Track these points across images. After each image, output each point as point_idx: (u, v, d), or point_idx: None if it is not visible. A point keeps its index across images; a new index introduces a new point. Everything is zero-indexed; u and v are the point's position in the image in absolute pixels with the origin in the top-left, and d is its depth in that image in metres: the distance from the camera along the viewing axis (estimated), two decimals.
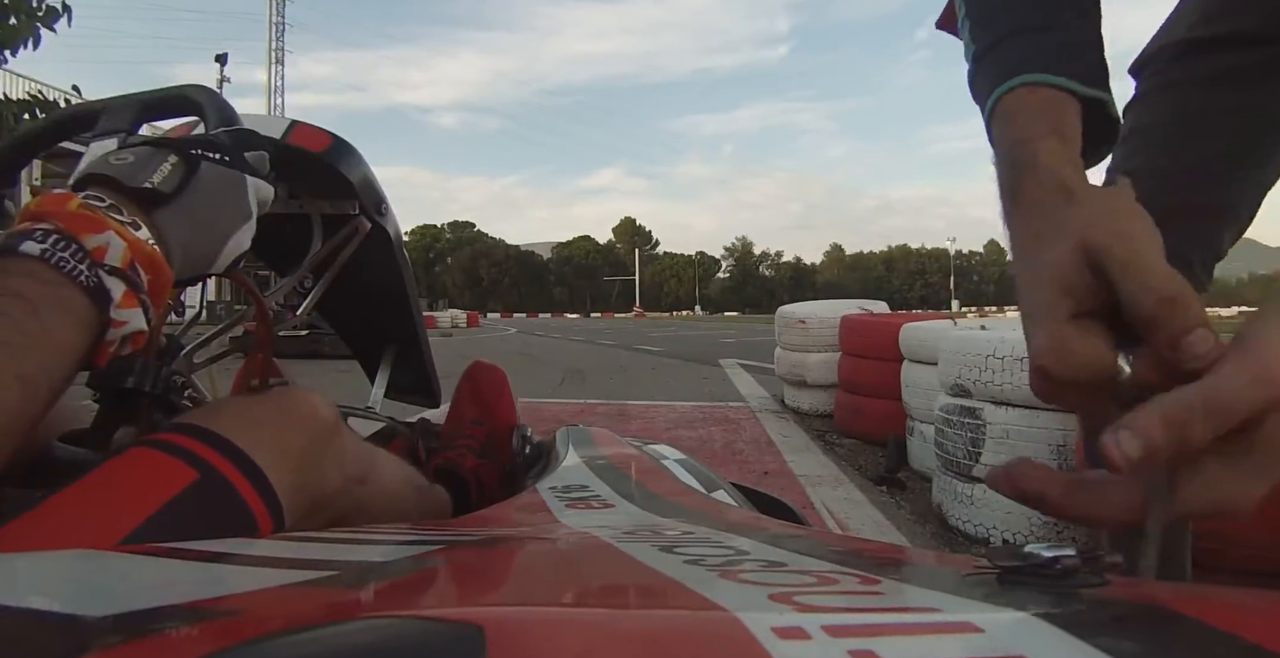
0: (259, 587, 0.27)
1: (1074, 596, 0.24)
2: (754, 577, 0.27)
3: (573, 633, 0.19)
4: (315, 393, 0.49)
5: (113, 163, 0.44)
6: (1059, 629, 0.19)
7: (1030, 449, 1.88)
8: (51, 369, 0.37)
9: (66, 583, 0.29)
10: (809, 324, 4.11)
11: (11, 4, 3.45)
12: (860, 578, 0.27)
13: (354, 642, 0.18)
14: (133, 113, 0.59)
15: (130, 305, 0.40)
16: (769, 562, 0.30)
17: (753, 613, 0.19)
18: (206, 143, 0.48)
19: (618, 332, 20.86)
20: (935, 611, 0.22)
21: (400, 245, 0.83)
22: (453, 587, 0.32)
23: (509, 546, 0.41)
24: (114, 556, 0.32)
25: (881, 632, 0.19)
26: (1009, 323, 3.25)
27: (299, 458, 0.44)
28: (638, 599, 0.27)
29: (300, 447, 0.44)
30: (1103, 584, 0.25)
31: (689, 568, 0.28)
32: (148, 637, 0.20)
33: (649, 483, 0.65)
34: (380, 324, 1.00)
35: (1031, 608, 0.21)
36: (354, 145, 0.73)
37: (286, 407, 0.46)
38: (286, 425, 0.45)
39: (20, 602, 0.23)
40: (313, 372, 4.63)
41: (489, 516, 0.55)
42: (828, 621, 0.19)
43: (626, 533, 0.40)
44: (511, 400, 0.90)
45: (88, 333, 0.38)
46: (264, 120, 0.65)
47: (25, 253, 0.36)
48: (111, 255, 0.39)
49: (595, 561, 0.35)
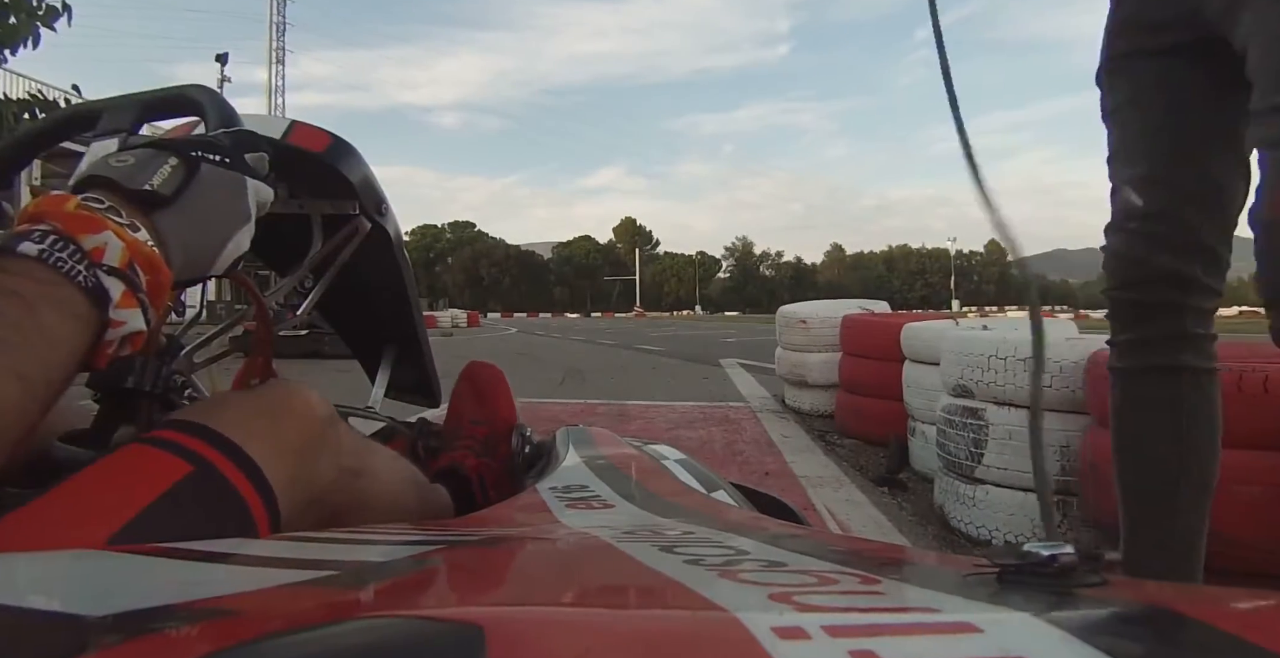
0: (258, 587, 0.27)
1: (1073, 595, 0.24)
2: (754, 577, 0.27)
3: (573, 633, 0.19)
4: (309, 388, 0.50)
5: (113, 165, 0.44)
6: (1058, 629, 0.19)
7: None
8: (50, 369, 0.37)
9: (66, 583, 0.29)
10: (810, 324, 4.10)
11: (11, 3, 3.45)
12: (860, 578, 0.27)
13: (354, 642, 0.18)
14: (134, 113, 0.59)
15: (129, 305, 0.40)
16: (769, 562, 0.30)
17: (753, 613, 0.19)
18: (206, 144, 0.48)
19: (618, 331, 20.73)
20: (935, 611, 0.22)
21: (400, 245, 0.83)
22: (453, 587, 0.32)
23: (509, 546, 0.41)
24: (114, 555, 0.32)
25: (881, 632, 0.19)
26: (1011, 323, 3.25)
27: (293, 451, 0.44)
28: (638, 599, 0.27)
29: (294, 440, 0.45)
30: (1102, 584, 0.25)
31: (689, 568, 0.28)
32: (147, 637, 0.20)
33: (649, 483, 0.65)
34: (380, 324, 1.00)
35: (1031, 608, 0.21)
36: (354, 145, 0.73)
37: (280, 401, 0.47)
38: (280, 419, 0.45)
39: (20, 602, 0.23)
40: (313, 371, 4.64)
41: (489, 516, 0.55)
42: (828, 621, 0.19)
43: (626, 533, 0.40)
44: (511, 400, 0.90)
45: (86, 333, 0.38)
46: (264, 120, 0.65)
47: (23, 253, 0.36)
48: (109, 256, 0.39)
49: (595, 561, 0.35)
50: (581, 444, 0.80)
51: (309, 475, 0.45)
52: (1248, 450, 1.28)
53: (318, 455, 0.46)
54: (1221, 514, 1.06)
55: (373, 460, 0.54)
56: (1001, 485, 1.93)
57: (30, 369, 0.35)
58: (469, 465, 0.78)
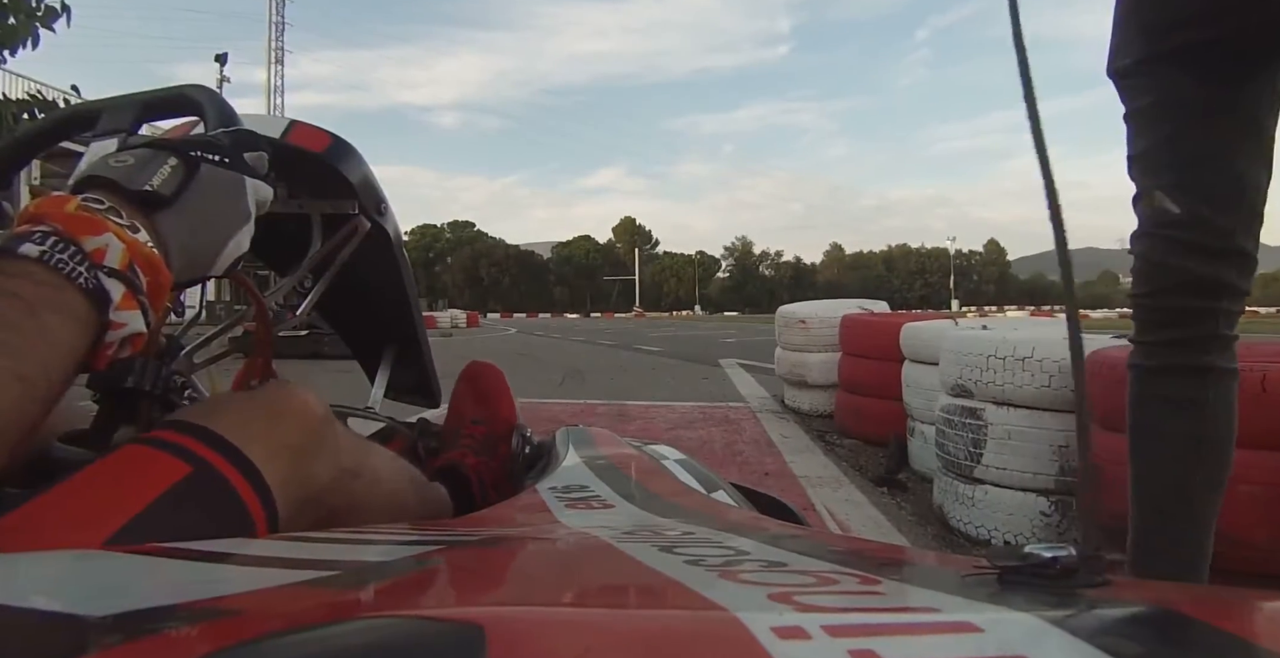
0: (259, 587, 0.27)
1: (1074, 596, 0.24)
2: (754, 577, 0.27)
3: (573, 633, 0.19)
4: (306, 388, 0.50)
5: (112, 165, 0.44)
6: (1059, 629, 0.19)
7: (1032, 450, 1.88)
8: (50, 370, 0.37)
9: (66, 583, 0.29)
10: (810, 324, 4.10)
11: (11, 4, 3.44)
12: (860, 578, 0.27)
13: (354, 642, 0.18)
14: (133, 113, 0.59)
15: (129, 307, 0.40)
16: (769, 562, 0.30)
17: (753, 613, 0.19)
18: (206, 144, 0.48)
19: (618, 332, 20.72)
20: (935, 611, 0.22)
21: (400, 245, 0.83)
22: (453, 587, 0.32)
23: (509, 546, 0.41)
24: (113, 555, 0.32)
25: (881, 632, 0.19)
26: (1010, 323, 3.25)
27: (291, 452, 0.45)
28: (638, 599, 0.27)
29: (291, 441, 0.45)
30: (1102, 584, 0.25)
31: (689, 568, 0.28)
32: (147, 637, 0.20)
33: (649, 483, 0.65)
34: (380, 324, 1.00)
35: (1031, 608, 0.21)
36: (353, 145, 0.73)
37: (277, 402, 0.47)
38: (277, 420, 0.45)
39: (20, 602, 0.23)
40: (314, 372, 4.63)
41: (489, 516, 0.55)
42: (828, 621, 0.19)
43: (626, 533, 0.40)
44: (511, 400, 0.90)
45: (86, 334, 0.38)
46: (263, 120, 0.65)
47: (24, 255, 0.36)
48: (110, 257, 0.39)
49: (595, 561, 0.35)
50: (581, 444, 0.80)
51: (306, 476, 0.45)
52: (1248, 450, 1.28)
53: (315, 456, 0.46)
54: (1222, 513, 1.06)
55: (371, 461, 0.54)
56: (1000, 486, 1.93)
57: (31, 371, 0.35)
58: (468, 464, 0.78)
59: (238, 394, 0.50)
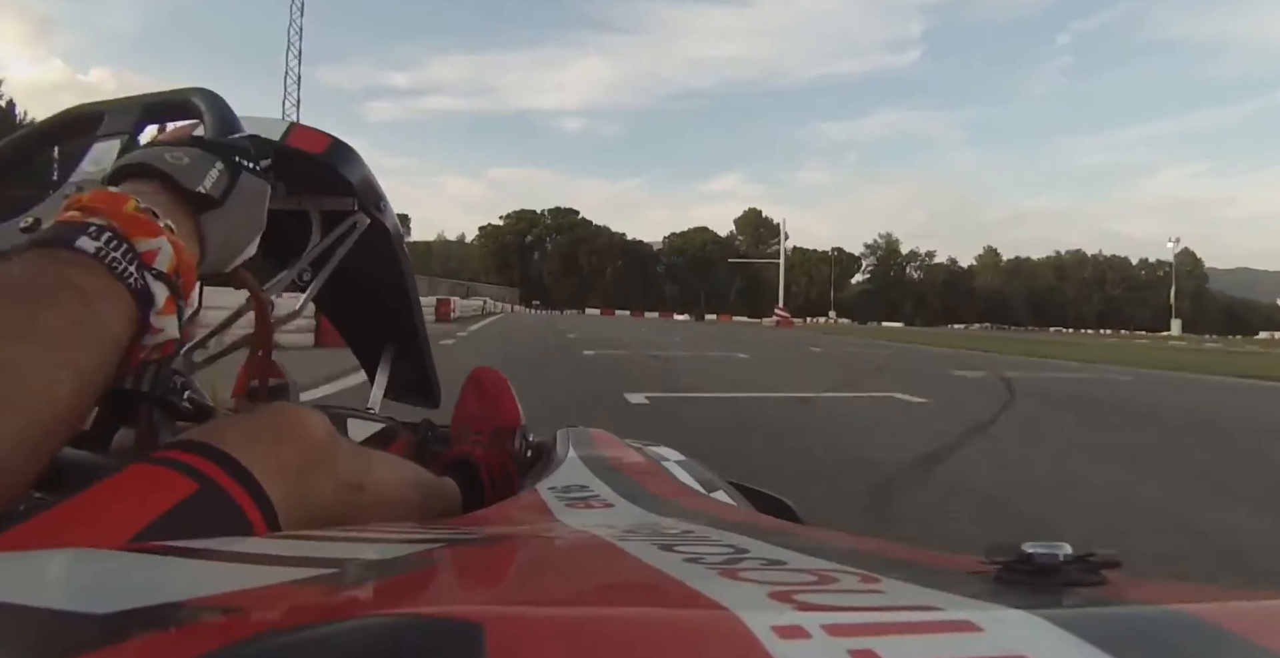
0: (259, 585, 0.27)
1: (1073, 594, 0.24)
2: (754, 575, 0.27)
3: (573, 631, 0.19)
4: (309, 409, 0.51)
5: (169, 160, 0.44)
6: (1058, 628, 0.19)
7: None
8: (103, 365, 0.37)
9: (66, 582, 0.29)
10: None
11: None
12: (860, 577, 0.27)
13: (354, 640, 0.18)
14: (135, 115, 0.59)
15: (169, 312, 0.40)
16: (769, 560, 0.30)
17: (753, 612, 0.20)
18: (243, 150, 0.49)
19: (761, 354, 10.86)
20: (935, 609, 0.22)
21: (400, 241, 0.83)
22: (453, 585, 0.32)
23: (509, 544, 0.41)
24: (114, 554, 0.32)
25: (882, 631, 0.19)
26: None
27: (294, 471, 0.45)
28: (637, 598, 0.27)
29: (295, 461, 0.46)
30: (1101, 583, 0.25)
31: (689, 566, 0.28)
32: (148, 635, 0.20)
33: (649, 483, 0.65)
34: (380, 320, 1.00)
35: (1031, 607, 0.21)
36: (352, 146, 0.73)
37: (281, 423, 0.48)
38: (281, 441, 0.46)
39: (21, 601, 0.23)
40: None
41: (489, 515, 0.55)
42: (828, 619, 0.19)
43: (626, 532, 0.40)
44: (515, 403, 0.91)
45: (130, 334, 0.39)
46: (262, 123, 0.65)
47: (80, 248, 0.37)
48: (160, 261, 0.40)
49: (595, 559, 0.35)
50: (581, 445, 0.80)
51: (310, 493, 0.46)
52: None
53: (317, 475, 0.48)
54: None
55: (374, 472, 0.55)
56: None
57: (87, 364, 0.36)
58: (477, 455, 0.79)
59: (243, 416, 0.51)
